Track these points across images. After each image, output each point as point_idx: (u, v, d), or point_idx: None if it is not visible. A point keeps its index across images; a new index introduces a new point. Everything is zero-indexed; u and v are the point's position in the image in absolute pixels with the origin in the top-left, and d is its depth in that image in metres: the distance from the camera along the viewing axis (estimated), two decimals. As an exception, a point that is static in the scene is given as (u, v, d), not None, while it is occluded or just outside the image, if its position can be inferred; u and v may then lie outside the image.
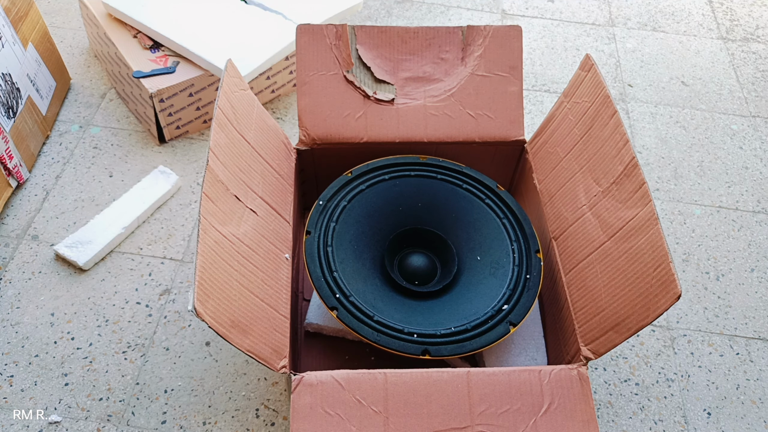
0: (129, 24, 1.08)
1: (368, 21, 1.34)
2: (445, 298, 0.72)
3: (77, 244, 0.89)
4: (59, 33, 1.23)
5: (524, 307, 0.68)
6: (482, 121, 0.80)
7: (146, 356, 0.81)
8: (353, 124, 0.79)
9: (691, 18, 1.44)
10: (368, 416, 0.56)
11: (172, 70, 1.01)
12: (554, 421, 0.57)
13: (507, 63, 0.81)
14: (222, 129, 0.66)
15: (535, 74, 1.26)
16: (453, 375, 0.58)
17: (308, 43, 0.79)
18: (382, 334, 0.64)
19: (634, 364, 0.85)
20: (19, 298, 0.86)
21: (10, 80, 0.94)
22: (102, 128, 1.08)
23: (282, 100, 1.16)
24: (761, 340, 0.89)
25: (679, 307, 0.92)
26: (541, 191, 0.77)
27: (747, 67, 1.32)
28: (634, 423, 0.80)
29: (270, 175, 0.72)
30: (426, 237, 0.78)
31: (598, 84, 0.71)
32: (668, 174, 1.10)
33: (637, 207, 0.62)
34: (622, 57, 1.32)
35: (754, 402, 0.83)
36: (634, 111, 1.21)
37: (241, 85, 0.73)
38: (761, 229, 1.03)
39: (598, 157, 0.69)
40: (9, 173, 0.94)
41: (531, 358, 0.75)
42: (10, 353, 0.80)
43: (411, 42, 0.81)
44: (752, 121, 1.21)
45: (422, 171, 0.79)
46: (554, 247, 0.73)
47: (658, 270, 0.56)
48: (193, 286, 0.54)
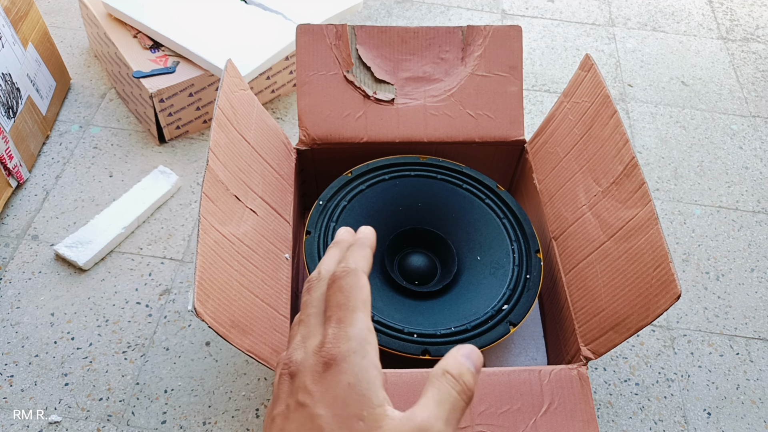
0: (129, 24, 1.08)
1: (368, 21, 1.34)
2: (445, 298, 0.72)
3: (77, 244, 0.89)
4: (59, 33, 1.23)
5: (524, 307, 0.68)
6: (482, 121, 0.80)
7: (146, 356, 0.81)
8: (353, 124, 0.79)
9: (691, 18, 1.44)
10: (368, 416, 0.56)
11: (172, 70, 1.01)
12: (554, 421, 0.57)
13: (507, 63, 0.81)
14: (222, 129, 0.66)
15: (535, 74, 1.26)
16: (453, 375, 0.58)
17: (308, 43, 0.79)
18: (381, 334, 0.64)
19: (634, 364, 0.85)
20: (19, 298, 0.86)
21: (10, 80, 0.94)
22: (102, 128, 1.08)
23: (282, 100, 1.16)
24: (761, 340, 0.89)
25: (679, 307, 0.92)
26: (541, 191, 0.77)
27: (747, 67, 1.32)
28: (634, 423, 0.80)
29: (270, 175, 0.72)
30: (426, 237, 0.78)
31: (598, 84, 0.71)
32: (668, 174, 1.10)
33: (637, 207, 0.62)
34: (622, 57, 1.32)
35: (754, 402, 0.83)
36: (634, 111, 1.21)
37: (241, 85, 0.73)
38: (761, 229, 1.03)
39: (598, 157, 0.69)
40: (9, 173, 0.94)
41: (531, 358, 0.75)
42: (10, 353, 0.80)
43: (411, 42, 0.81)
44: (752, 121, 1.21)
45: (422, 171, 0.79)
46: (554, 247, 0.73)
47: (658, 270, 0.56)
48: (193, 286, 0.54)
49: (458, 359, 0.28)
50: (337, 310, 0.28)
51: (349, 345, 0.27)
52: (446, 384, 0.27)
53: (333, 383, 0.26)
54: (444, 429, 0.26)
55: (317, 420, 0.25)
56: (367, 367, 0.27)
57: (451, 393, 0.27)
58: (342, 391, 0.26)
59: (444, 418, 0.26)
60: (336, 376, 0.26)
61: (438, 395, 0.27)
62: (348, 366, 0.26)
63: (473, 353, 0.29)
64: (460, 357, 0.28)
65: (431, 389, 0.27)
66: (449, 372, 0.27)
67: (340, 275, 0.29)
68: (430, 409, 0.26)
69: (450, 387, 0.27)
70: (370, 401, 0.26)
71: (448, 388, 0.27)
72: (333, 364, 0.26)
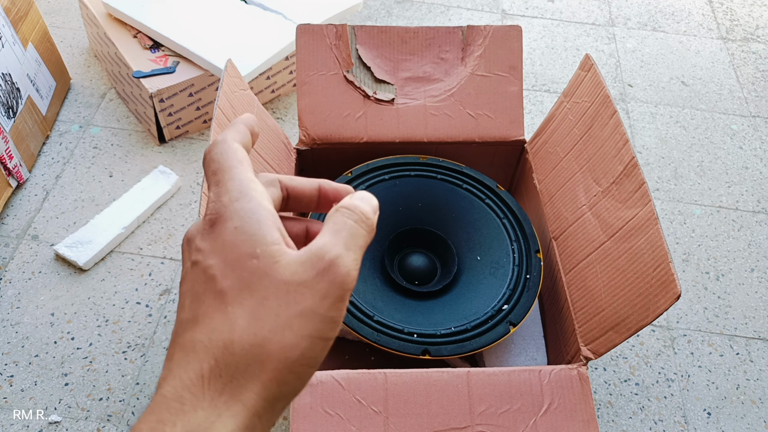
0: (129, 24, 1.08)
1: (368, 21, 1.34)
2: (445, 298, 0.72)
3: (77, 244, 0.89)
4: (59, 33, 1.23)
5: (524, 307, 0.68)
6: (482, 121, 0.80)
7: (146, 356, 0.81)
8: (353, 124, 0.79)
9: (691, 18, 1.44)
10: (368, 416, 0.56)
11: (172, 70, 1.01)
12: (554, 421, 0.57)
13: (507, 63, 0.81)
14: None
15: (535, 74, 1.26)
16: (453, 375, 0.58)
17: (308, 43, 0.79)
18: (382, 334, 0.64)
19: (634, 364, 0.85)
20: (19, 298, 0.86)
21: (10, 80, 0.94)
22: (102, 128, 1.08)
23: (282, 100, 1.16)
24: (761, 340, 0.89)
25: (679, 307, 0.92)
26: (541, 191, 0.77)
27: (747, 67, 1.32)
28: (634, 423, 0.80)
29: (270, 175, 0.72)
30: (426, 237, 0.78)
31: (598, 84, 0.71)
32: (668, 174, 1.10)
33: (636, 207, 0.62)
34: (622, 57, 1.32)
35: (754, 402, 0.83)
36: (634, 111, 1.21)
37: (241, 85, 0.73)
38: (761, 229, 1.03)
39: (598, 157, 0.69)
40: (9, 173, 0.94)
41: (531, 358, 0.75)
42: (10, 353, 0.80)
43: (411, 42, 0.81)
44: (752, 121, 1.21)
45: (422, 171, 0.79)
46: (554, 247, 0.73)
47: (658, 270, 0.56)
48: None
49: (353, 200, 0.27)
50: (213, 176, 0.27)
51: (230, 195, 0.26)
52: (340, 216, 0.26)
53: (219, 232, 0.25)
54: (344, 252, 0.25)
55: (209, 270, 0.25)
56: (254, 209, 0.25)
57: (347, 222, 0.26)
58: (229, 236, 0.25)
59: (342, 243, 0.25)
60: (222, 225, 0.25)
61: (333, 226, 0.26)
62: (232, 212, 0.25)
63: (367, 195, 0.28)
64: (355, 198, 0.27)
65: (327, 225, 0.26)
66: (343, 206, 0.27)
67: (208, 150, 0.28)
68: (326, 238, 0.25)
69: (345, 217, 0.26)
70: (263, 238, 0.25)
71: (344, 219, 0.26)
72: (218, 217, 0.25)
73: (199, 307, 0.25)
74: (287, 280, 0.24)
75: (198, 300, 0.25)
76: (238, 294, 0.24)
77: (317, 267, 0.24)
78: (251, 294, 0.24)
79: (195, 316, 0.24)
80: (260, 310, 0.24)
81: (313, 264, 0.24)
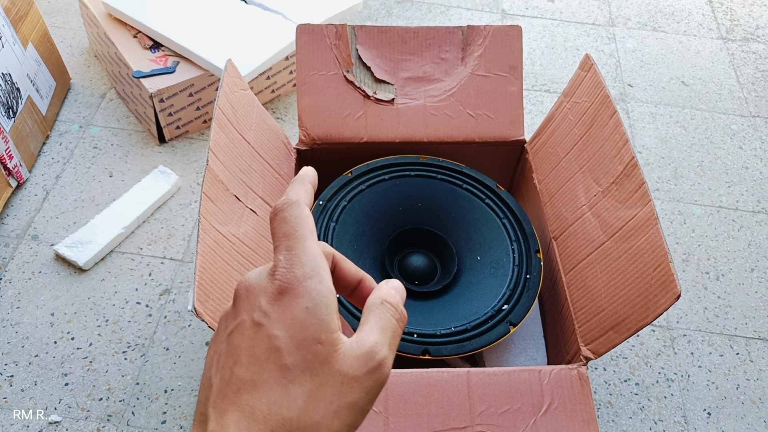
0: (129, 24, 1.08)
1: (368, 21, 1.34)
2: (445, 298, 0.72)
3: (77, 244, 0.89)
4: (59, 33, 1.23)
5: (524, 307, 0.68)
6: (482, 121, 0.80)
7: (146, 356, 0.81)
8: (353, 124, 0.79)
9: (691, 18, 1.44)
10: (368, 416, 0.56)
11: (172, 70, 1.01)
12: (554, 421, 0.57)
13: (507, 63, 0.81)
14: (222, 129, 0.66)
15: (535, 74, 1.26)
16: (453, 375, 0.58)
17: (308, 43, 0.79)
18: (382, 334, 0.64)
19: (634, 364, 0.85)
20: (19, 298, 0.86)
21: (10, 80, 0.94)
22: (102, 128, 1.08)
23: (282, 100, 1.16)
24: (761, 340, 0.89)
25: (679, 307, 0.92)
26: (541, 191, 0.77)
27: (747, 67, 1.32)
28: (634, 423, 0.80)
29: (270, 175, 0.72)
30: (426, 237, 0.78)
31: (598, 84, 0.71)
32: (668, 174, 1.10)
33: (636, 207, 0.62)
34: (622, 57, 1.32)
35: (754, 402, 0.83)
36: (634, 111, 1.21)
37: (241, 85, 0.73)
38: (761, 229, 1.03)
39: (598, 157, 0.69)
40: (9, 173, 0.94)
41: (531, 358, 0.75)
42: (10, 353, 0.80)
43: (411, 42, 0.81)
44: (752, 121, 1.21)
45: (422, 171, 0.79)
46: (554, 247, 0.73)
47: (658, 270, 0.56)
48: (193, 286, 0.54)
49: (391, 291, 0.29)
50: (285, 240, 0.28)
51: (304, 270, 0.27)
52: (387, 312, 0.28)
53: (290, 306, 0.26)
54: (389, 354, 0.27)
55: (274, 341, 0.25)
56: (325, 293, 0.27)
57: (391, 321, 0.28)
58: (300, 315, 0.26)
59: (387, 343, 0.27)
60: (293, 299, 0.26)
61: (380, 323, 0.28)
62: (304, 290, 0.26)
63: (400, 286, 0.30)
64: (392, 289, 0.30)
65: (373, 317, 0.28)
66: (388, 301, 0.29)
67: (282, 207, 0.29)
68: (376, 335, 0.27)
69: (390, 315, 0.28)
70: (328, 326, 0.26)
71: (389, 316, 0.28)
72: (289, 288, 0.26)
73: (261, 373, 0.25)
74: (343, 372, 0.26)
75: (258, 365, 0.26)
76: (300, 374, 0.25)
77: (368, 365, 0.26)
78: (312, 377, 0.25)
79: (254, 380, 0.25)
80: (317, 394, 0.25)
81: (365, 362, 0.26)
